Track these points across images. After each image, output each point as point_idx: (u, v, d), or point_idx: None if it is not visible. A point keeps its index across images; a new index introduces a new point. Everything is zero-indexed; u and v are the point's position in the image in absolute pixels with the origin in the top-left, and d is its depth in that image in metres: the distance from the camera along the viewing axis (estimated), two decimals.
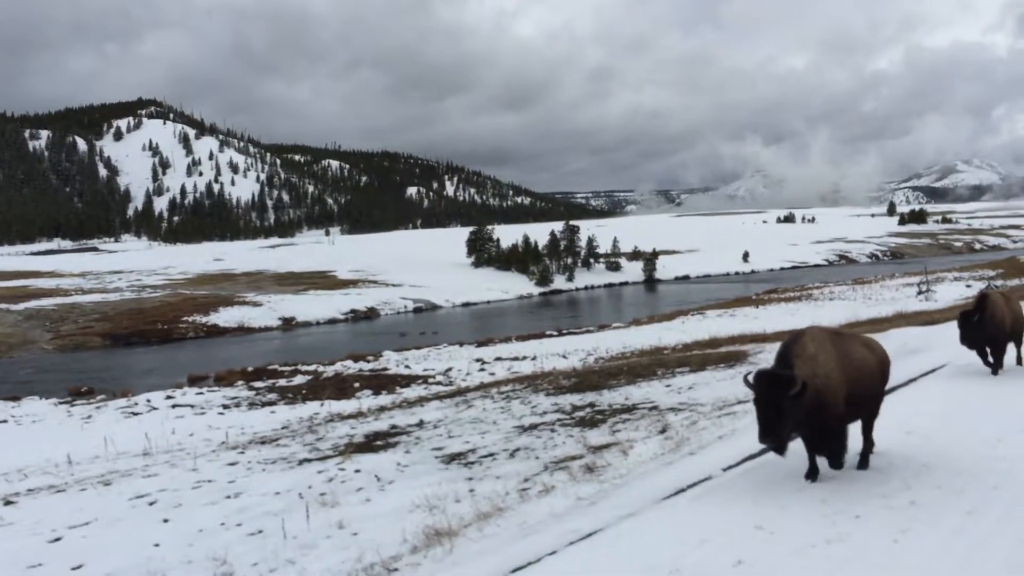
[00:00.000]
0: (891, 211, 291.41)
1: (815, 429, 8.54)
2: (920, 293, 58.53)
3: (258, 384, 37.42)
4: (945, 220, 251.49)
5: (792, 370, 8.15)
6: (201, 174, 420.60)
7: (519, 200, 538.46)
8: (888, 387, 14.11)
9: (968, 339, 14.77)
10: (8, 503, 13.76)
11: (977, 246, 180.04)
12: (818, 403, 8.23)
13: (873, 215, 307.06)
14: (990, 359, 15.04)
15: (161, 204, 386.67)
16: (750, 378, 8.28)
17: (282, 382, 37.92)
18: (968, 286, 63.42)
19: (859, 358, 9.09)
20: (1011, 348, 15.60)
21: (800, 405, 7.98)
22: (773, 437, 8.01)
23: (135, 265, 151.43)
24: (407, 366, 41.47)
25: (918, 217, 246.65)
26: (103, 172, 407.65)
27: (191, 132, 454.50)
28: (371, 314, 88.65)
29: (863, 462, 9.36)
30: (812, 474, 8.86)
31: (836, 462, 8.88)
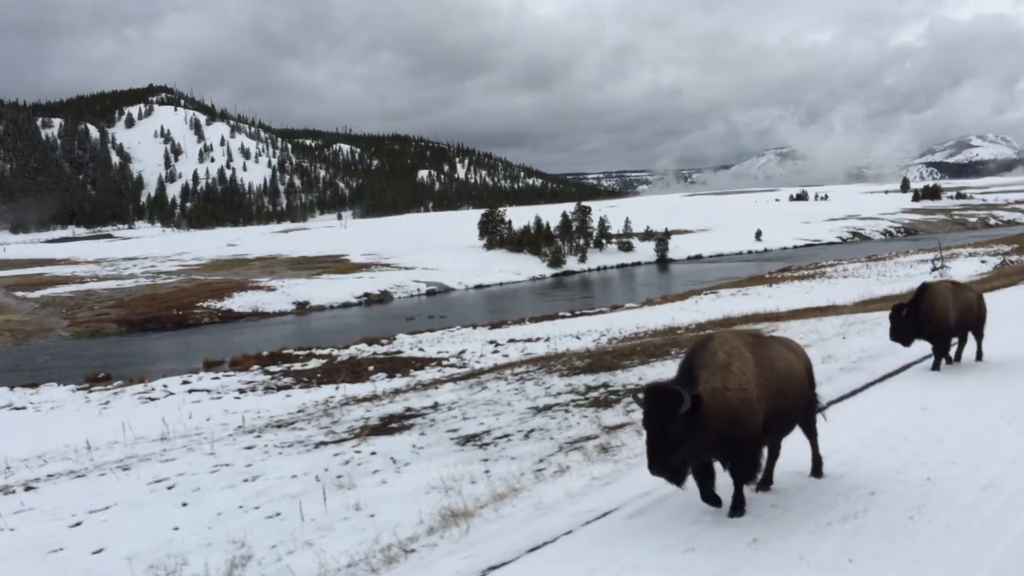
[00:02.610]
0: (905, 187, 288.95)
1: (728, 451, 7.21)
2: (935, 269, 58.13)
3: (273, 368, 37.54)
4: (960, 196, 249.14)
5: (696, 383, 6.94)
6: (213, 160, 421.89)
7: (530, 181, 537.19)
8: (904, 364, 14.16)
9: (896, 333, 13.55)
10: (29, 489, 13.90)
11: (992, 221, 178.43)
12: (732, 420, 7.01)
13: (887, 191, 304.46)
14: (966, 351, 14.26)
15: (174, 190, 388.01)
16: (640, 393, 6.98)
17: (297, 366, 38.04)
18: (983, 261, 62.97)
19: (783, 365, 7.80)
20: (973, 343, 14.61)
21: (700, 426, 6.72)
22: (660, 466, 6.68)
23: (149, 251, 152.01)
24: (421, 349, 41.54)
25: (932, 193, 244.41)
26: (115, 159, 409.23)
27: (202, 118, 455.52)
28: (384, 297, 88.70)
29: (817, 470, 8.41)
30: (709, 499, 7.46)
31: (750, 480, 7.51)
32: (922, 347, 14.49)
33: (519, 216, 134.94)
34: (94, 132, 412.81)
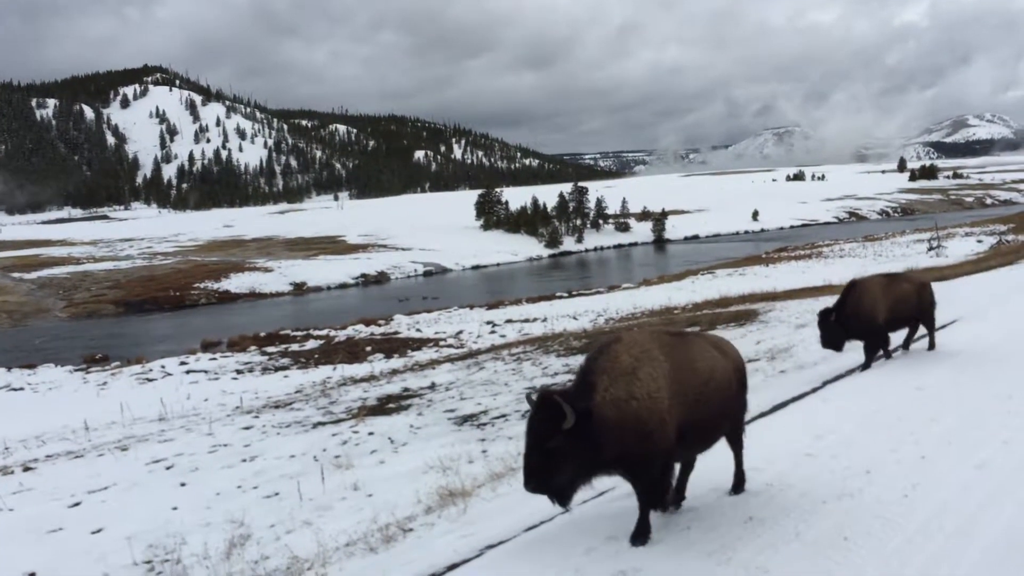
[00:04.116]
0: (902, 167, 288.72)
1: (633, 465, 6.32)
2: (931, 249, 58.19)
3: (271, 349, 37.60)
4: (956, 175, 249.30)
5: (593, 391, 6.11)
6: (208, 141, 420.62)
7: (527, 162, 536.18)
8: (901, 343, 14.15)
9: (828, 340, 12.69)
10: (27, 469, 13.95)
11: (988, 201, 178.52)
12: (639, 434, 6.16)
13: (884, 171, 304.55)
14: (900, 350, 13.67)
15: (170, 171, 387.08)
16: (533, 396, 6.14)
17: (294, 347, 38.10)
18: (979, 241, 63.05)
19: (705, 368, 6.84)
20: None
21: (593, 442, 5.97)
22: (537, 484, 5.88)
23: (145, 232, 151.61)
24: (418, 329, 41.59)
25: (929, 173, 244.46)
26: (111, 140, 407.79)
27: (197, 99, 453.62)
28: (381, 278, 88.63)
29: (738, 486, 7.57)
30: (642, 534, 6.50)
31: (657, 504, 6.61)
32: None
33: (516, 197, 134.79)
34: (89, 113, 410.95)
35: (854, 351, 13.63)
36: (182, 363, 34.42)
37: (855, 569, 5.78)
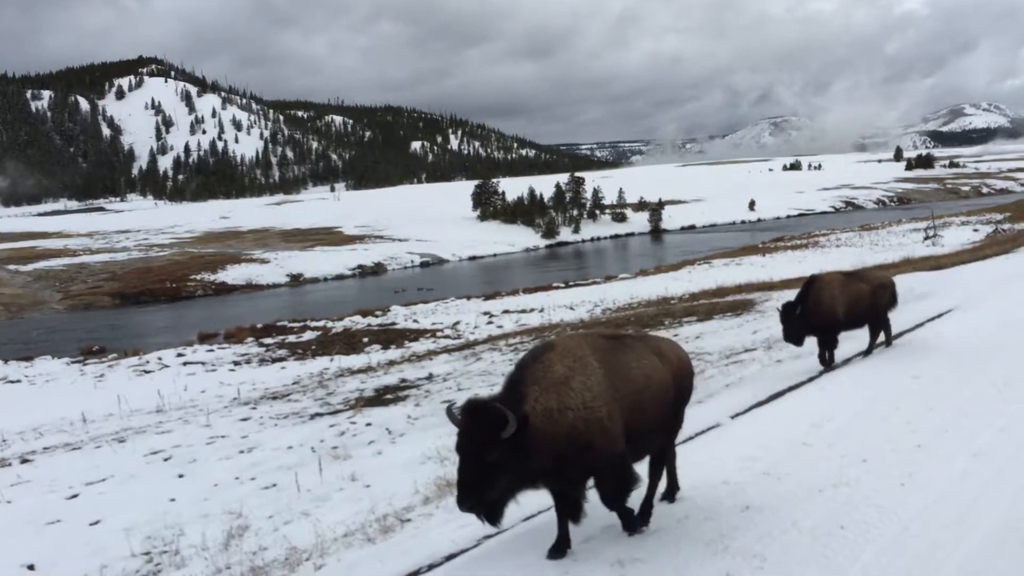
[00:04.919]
0: (898, 156, 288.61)
1: (578, 477, 6.13)
2: (927, 238, 58.18)
3: (268, 341, 37.55)
4: (952, 164, 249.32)
5: (523, 401, 5.75)
6: (204, 132, 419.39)
7: (524, 152, 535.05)
8: (897, 332, 14.16)
9: (790, 334, 12.61)
10: (25, 461, 13.95)
11: (984, 190, 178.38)
12: (579, 445, 5.89)
13: (880, 161, 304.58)
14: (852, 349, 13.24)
15: (165, 163, 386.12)
16: (455, 409, 5.79)
17: (291, 338, 38.06)
18: (975, 230, 63.09)
19: (641, 375, 6.50)
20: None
21: (525, 453, 5.63)
22: (472, 501, 5.50)
23: (142, 224, 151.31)
24: (415, 320, 41.57)
25: (925, 162, 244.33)
26: (106, 132, 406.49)
27: (193, 90, 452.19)
28: (378, 269, 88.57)
29: (671, 493, 7.28)
30: (561, 547, 6.33)
31: (627, 494, 6.40)
32: (914, 316, 14.45)
33: (512, 187, 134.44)
34: (84, 104, 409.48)
35: (850, 339, 13.66)
36: (179, 355, 34.35)
37: (852, 557, 5.80)
